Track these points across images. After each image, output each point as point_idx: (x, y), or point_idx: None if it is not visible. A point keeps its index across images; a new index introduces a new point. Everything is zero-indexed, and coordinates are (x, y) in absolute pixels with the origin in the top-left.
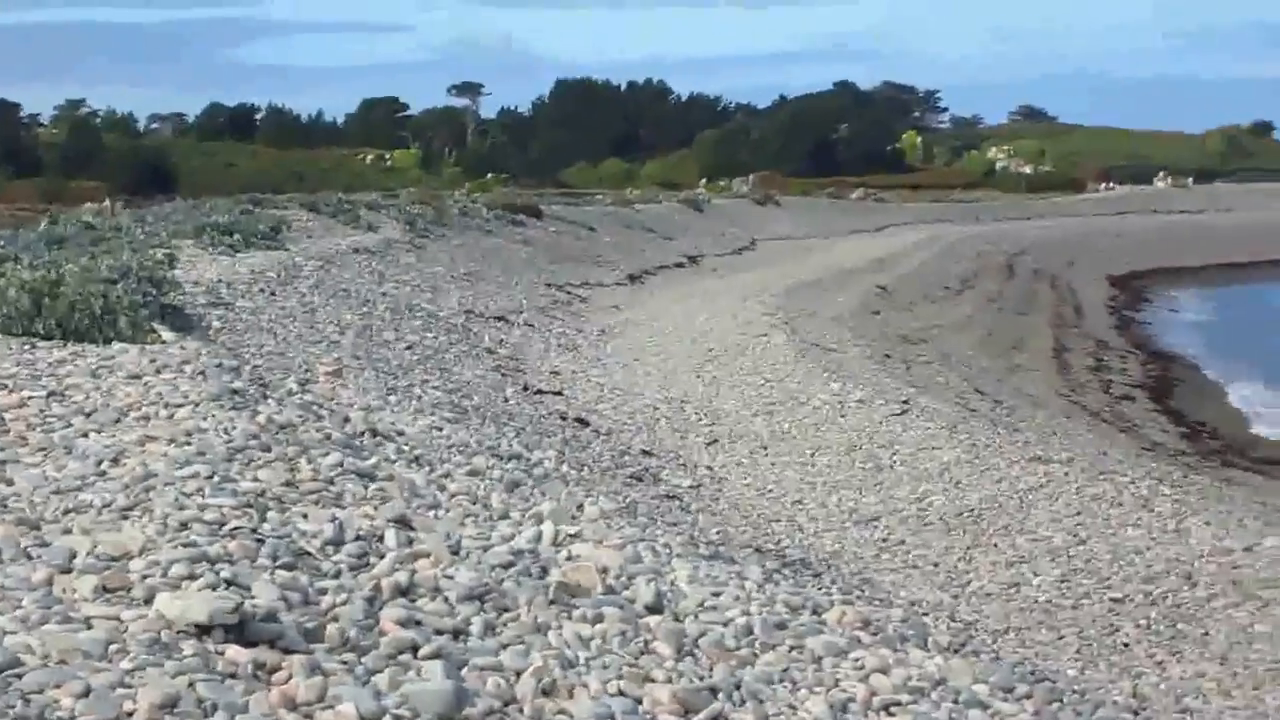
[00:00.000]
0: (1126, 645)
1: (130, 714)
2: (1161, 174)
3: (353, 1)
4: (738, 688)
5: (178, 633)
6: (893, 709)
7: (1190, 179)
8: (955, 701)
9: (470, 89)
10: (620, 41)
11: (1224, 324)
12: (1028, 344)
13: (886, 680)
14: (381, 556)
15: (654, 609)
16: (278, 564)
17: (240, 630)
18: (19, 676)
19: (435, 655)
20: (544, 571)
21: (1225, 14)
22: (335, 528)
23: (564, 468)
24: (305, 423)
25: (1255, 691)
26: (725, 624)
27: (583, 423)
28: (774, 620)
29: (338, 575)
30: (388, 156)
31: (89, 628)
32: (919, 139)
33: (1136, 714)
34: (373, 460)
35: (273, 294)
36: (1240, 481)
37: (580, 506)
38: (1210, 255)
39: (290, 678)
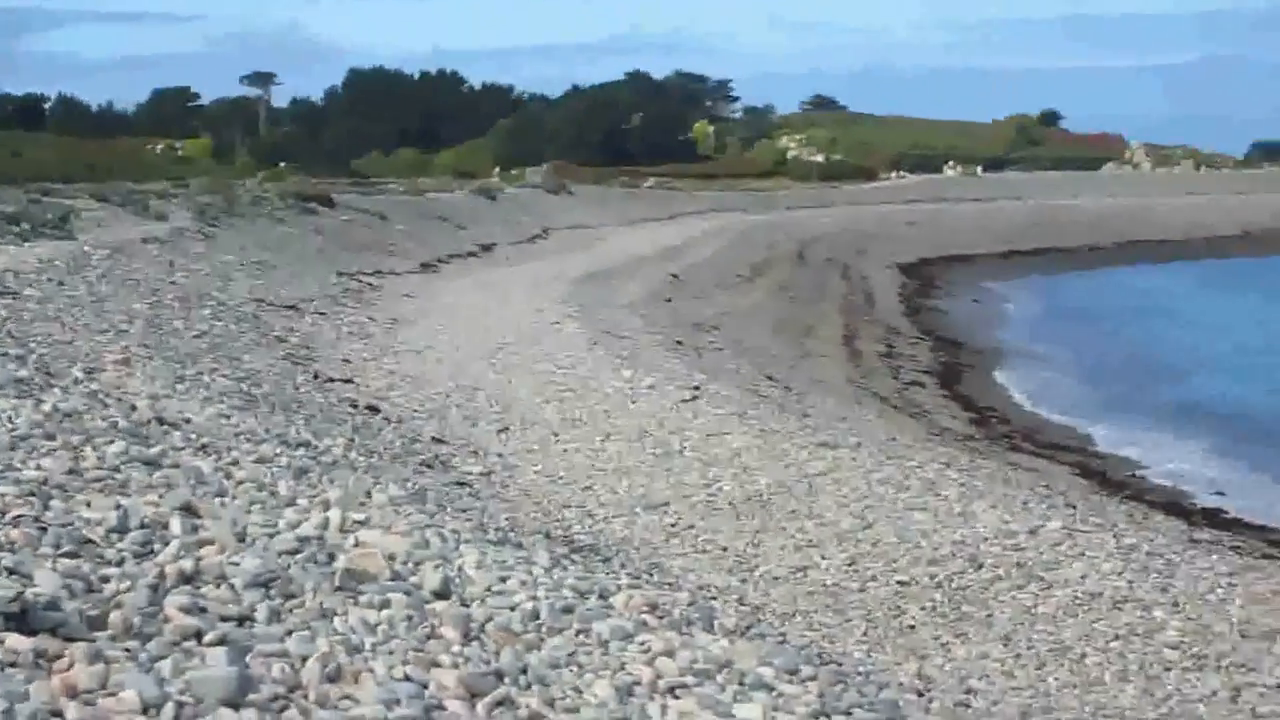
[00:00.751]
0: (912, 627)
1: None
2: (951, 163)
3: None
4: (524, 671)
5: None
6: (678, 691)
7: (980, 168)
8: (740, 684)
9: (262, 79)
10: (413, 31)
11: (1013, 311)
12: (818, 331)
13: (672, 663)
14: (166, 544)
15: (441, 594)
16: (60, 552)
17: (21, 619)
18: None
19: (220, 642)
20: (331, 558)
21: (1010, 8)
22: (120, 515)
23: (353, 455)
24: (91, 411)
25: (1038, 671)
26: (512, 609)
27: (374, 410)
28: (561, 605)
29: (121, 563)
30: (179, 146)
31: None
32: (711, 128)
33: (921, 695)
34: (159, 448)
35: (60, 283)
36: (1026, 466)
37: (369, 493)
38: (1001, 243)
39: (72, 666)
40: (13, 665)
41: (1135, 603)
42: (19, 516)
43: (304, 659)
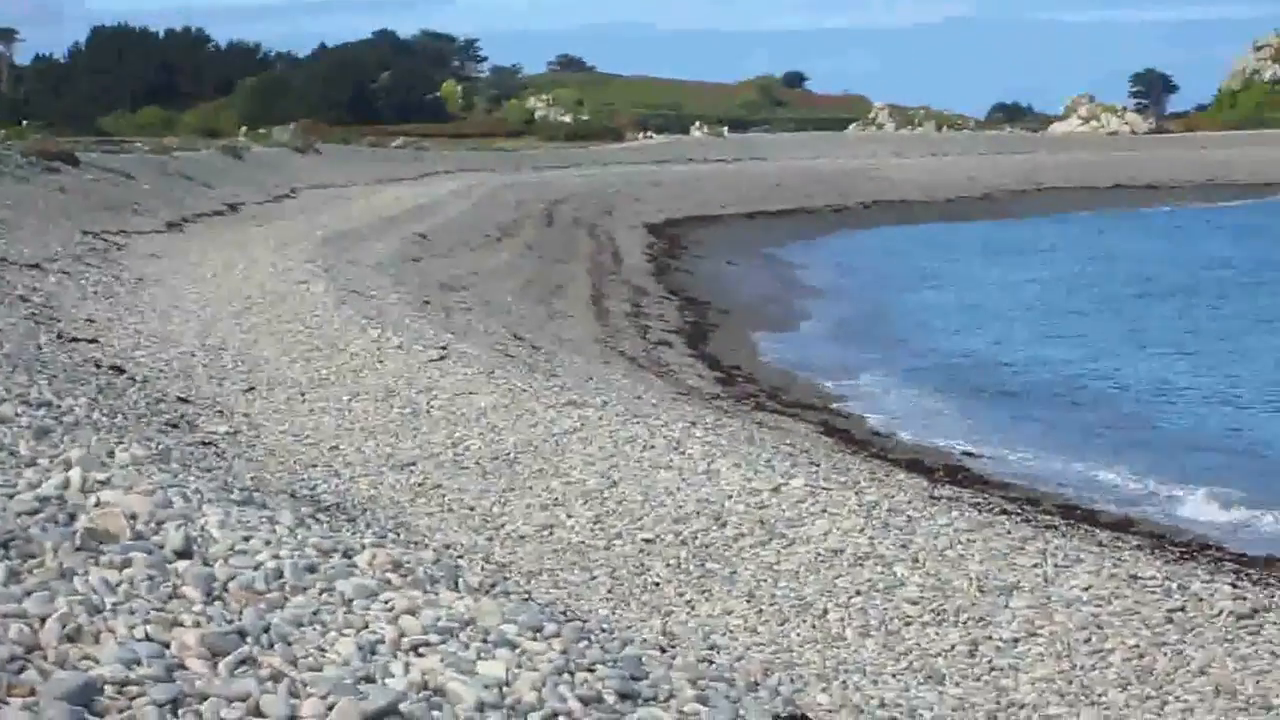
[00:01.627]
0: (657, 584)
1: None
2: (698, 124)
3: None
4: (266, 630)
5: None
6: (421, 649)
7: (726, 129)
8: (484, 641)
9: (4, 35)
10: None
11: (760, 271)
12: (566, 291)
13: (416, 621)
14: None
15: (183, 554)
16: None
17: None
18: None
19: None
20: (71, 518)
21: None
22: None
23: (97, 415)
24: None
25: (780, 627)
26: (255, 568)
27: (118, 370)
28: (304, 564)
29: None
30: None
31: None
32: (459, 88)
33: (664, 651)
34: None
35: None
36: (771, 425)
37: (111, 453)
38: (747, 204)
39: None
40: None
41: (876, 559)
42: None
43: (43, 619)
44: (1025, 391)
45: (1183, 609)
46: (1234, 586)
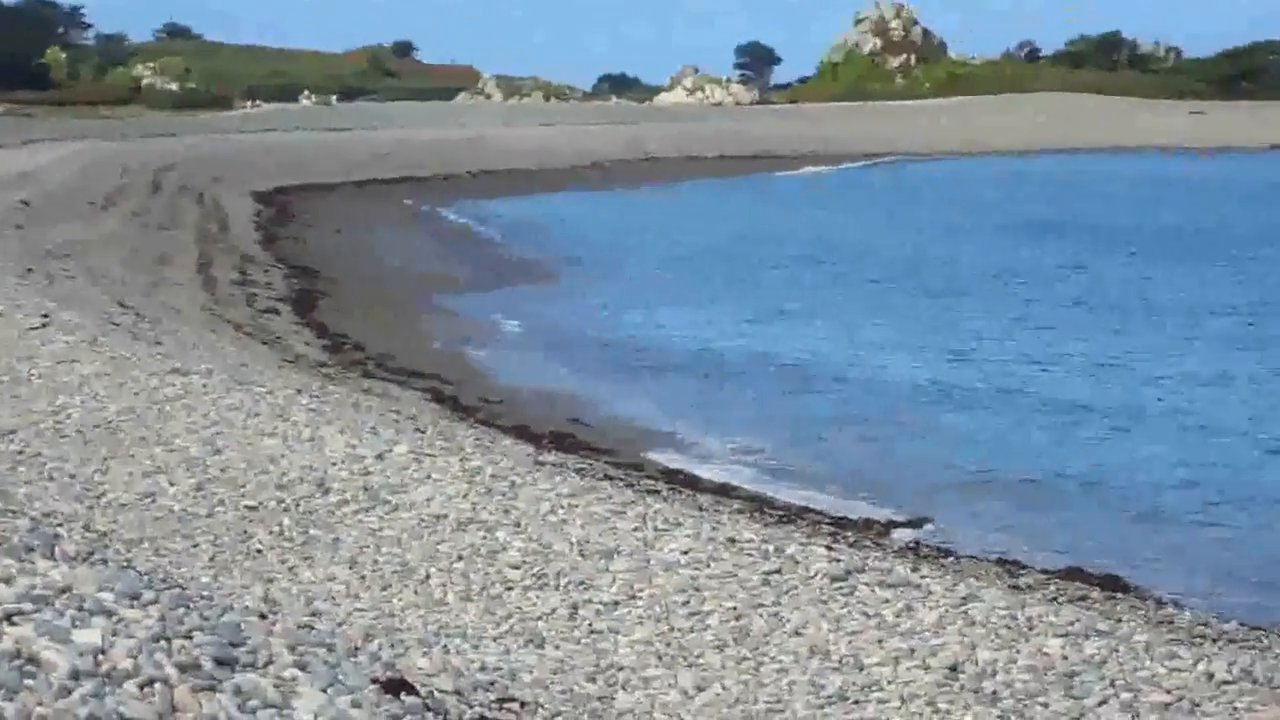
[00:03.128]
0: (260, 551)
1: None
2: (307, 92)
3: None
4: None
5: None
6: (15, 619)
7: (335, 98)
8: (80, 609)
9: None
10: None
11: (369, 239)
12: (173, 259)
13: (9, 590)
14: None
15: None
16: None
17: None
18: None
19: None
20: None
21: None
22: None
23: None
24: None
25: (383, 593)
26: None
27: None
28: None
29: None
30: None
31: None
32: (64, 55)
33: (265, 617)
34: None
35: None
36: (378, 392)
37: None
38: (357, 173)
39: None
40: None
41: (479, 524)
42: None
43: None
44: (640, 359)
45: (779, 571)
46: (829, 549)
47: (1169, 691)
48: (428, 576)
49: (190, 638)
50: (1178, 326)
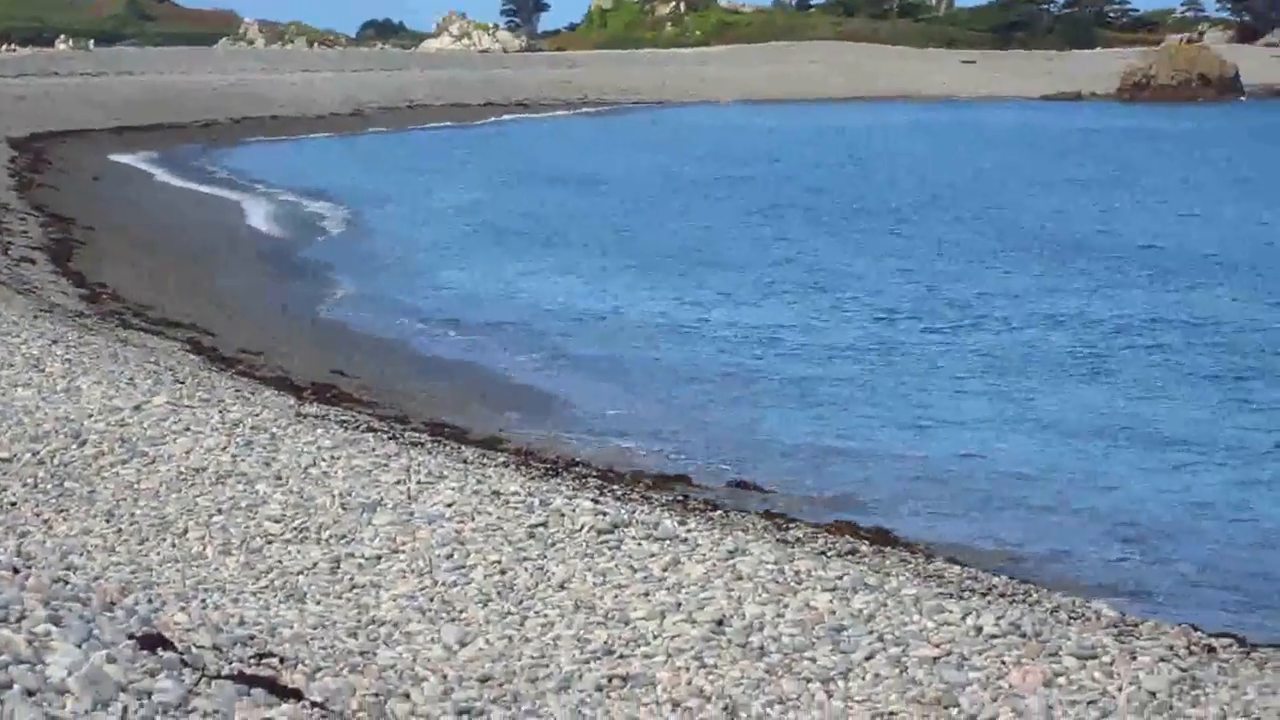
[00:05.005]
0: (14, 504)
1: None
2: (63, 37)
3: None
4: None
5: None
6: None
7: (92, 42)
8: None
9: None
10: None
11: (129, 187)
12: None
13: None
14: None
15: None
16: None
17: None
18: None
19: None
20: None
21: None
22: None
23: None
24: None
25: (140, 546)
26: None
27: None
28: None
29: None
30: None
31: None
32: None
33: (18, 571)
34: None
35: None
36: (137, 343)
37: None
38: (114, 119)
39: None
40: None
41: (239, 477)
42: None
43: None
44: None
45: (545, 524)
46: (595, 503)
47: (937, 645)
48: (186, 530)
49: None
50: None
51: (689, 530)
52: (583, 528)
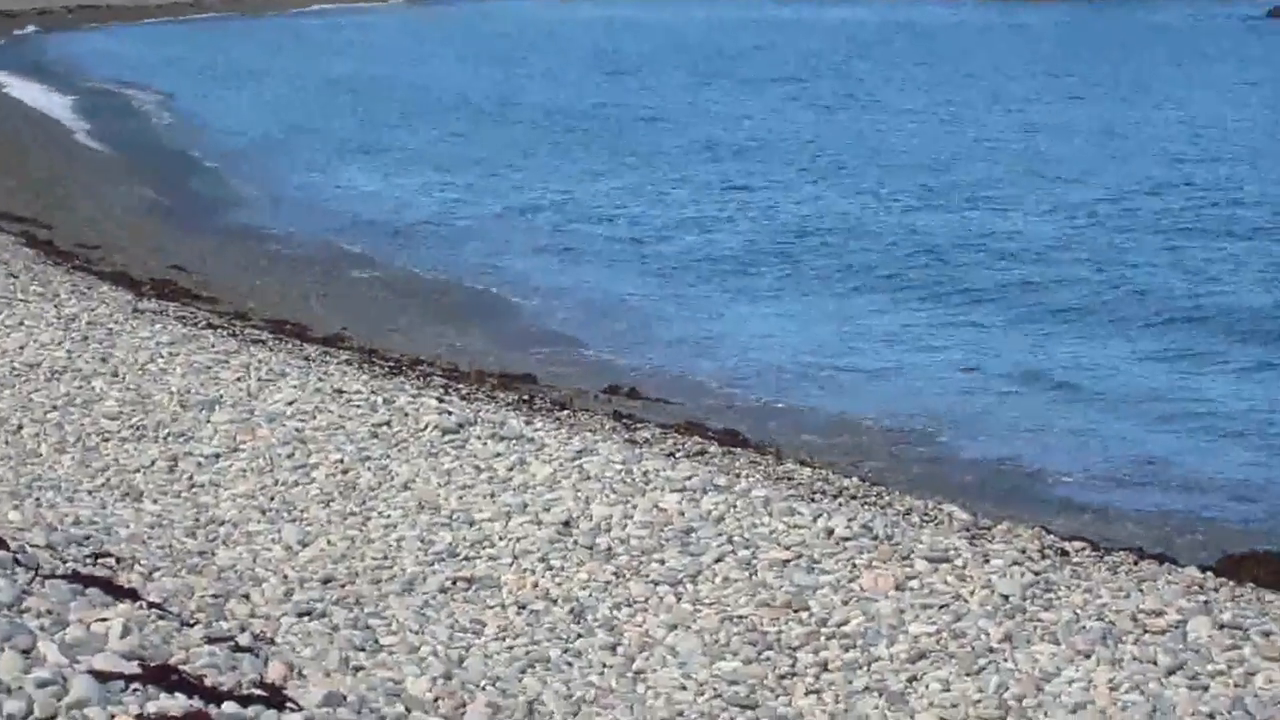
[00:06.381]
0: None
1: None
2: None
3: None
4: None
5: None
6: None
7: None
8: None
9: None
10: None
11: None
12: None
13: None
14: None
15: None
16: None
17: None
18: None
19: None
20: None
21: None
22: None
23: None
24: None
25: None
26: None
27: None
28: None
29: None
30: None
31: None
32: None
33: None
34: None
35: None
36: None
37: None
38: None
39: None
40: None
41: (74, 373)
42: None
43: None
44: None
45: (388, 424)
46: (440, 401)
47: (788, 548)
48: (20, 427)
49: None
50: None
51: (536, 430)
52: (427, 427)
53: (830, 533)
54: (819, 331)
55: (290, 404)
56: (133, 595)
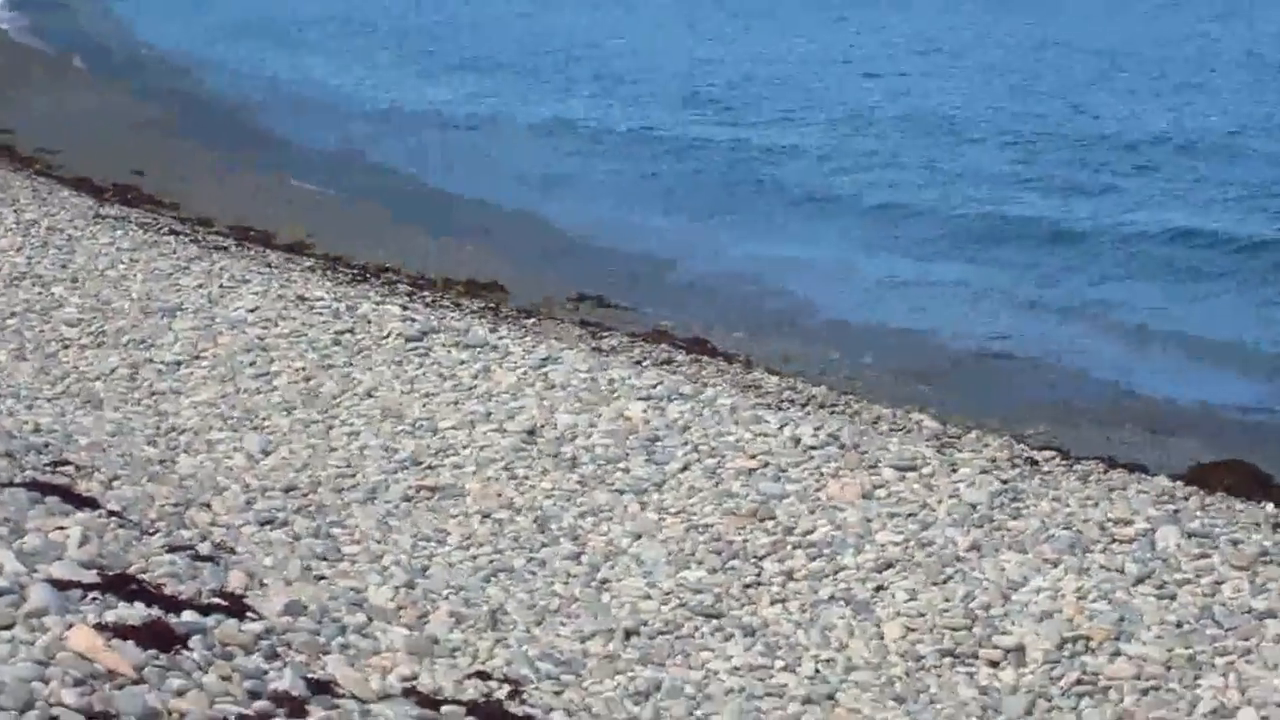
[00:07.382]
0: None
1: None
2: None
3: None
4: None
5: None
6: None
7: None
8: None
9: None
10: None
11: None
12: None
13: None
14: None
15: None
16: None
17: None
18: None
19: None
20: None
21: None
22: None
23: None
24: None
25: None
26: None
27: None
28: None
29: None
30: None
31: None
32: None
33: None
34: None
35: None
36: None
37: None
38: None
39: None
40: None
41: (34, 279)
42: None
43: None
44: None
45: (352, 331)
46: (404, 309)
47: (753, 457)
48: None
49: None
50: None
51: (500, 338)
52: (390, 334)
53: (797, 441)
54: (790, 247)
55: (253, 311)
56: (92, 504)
